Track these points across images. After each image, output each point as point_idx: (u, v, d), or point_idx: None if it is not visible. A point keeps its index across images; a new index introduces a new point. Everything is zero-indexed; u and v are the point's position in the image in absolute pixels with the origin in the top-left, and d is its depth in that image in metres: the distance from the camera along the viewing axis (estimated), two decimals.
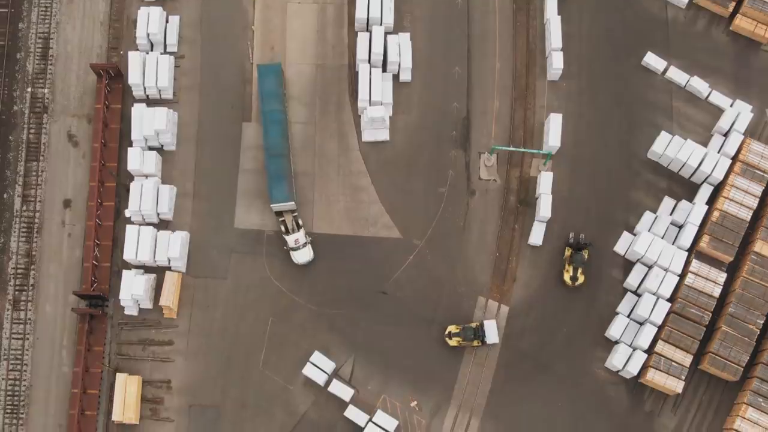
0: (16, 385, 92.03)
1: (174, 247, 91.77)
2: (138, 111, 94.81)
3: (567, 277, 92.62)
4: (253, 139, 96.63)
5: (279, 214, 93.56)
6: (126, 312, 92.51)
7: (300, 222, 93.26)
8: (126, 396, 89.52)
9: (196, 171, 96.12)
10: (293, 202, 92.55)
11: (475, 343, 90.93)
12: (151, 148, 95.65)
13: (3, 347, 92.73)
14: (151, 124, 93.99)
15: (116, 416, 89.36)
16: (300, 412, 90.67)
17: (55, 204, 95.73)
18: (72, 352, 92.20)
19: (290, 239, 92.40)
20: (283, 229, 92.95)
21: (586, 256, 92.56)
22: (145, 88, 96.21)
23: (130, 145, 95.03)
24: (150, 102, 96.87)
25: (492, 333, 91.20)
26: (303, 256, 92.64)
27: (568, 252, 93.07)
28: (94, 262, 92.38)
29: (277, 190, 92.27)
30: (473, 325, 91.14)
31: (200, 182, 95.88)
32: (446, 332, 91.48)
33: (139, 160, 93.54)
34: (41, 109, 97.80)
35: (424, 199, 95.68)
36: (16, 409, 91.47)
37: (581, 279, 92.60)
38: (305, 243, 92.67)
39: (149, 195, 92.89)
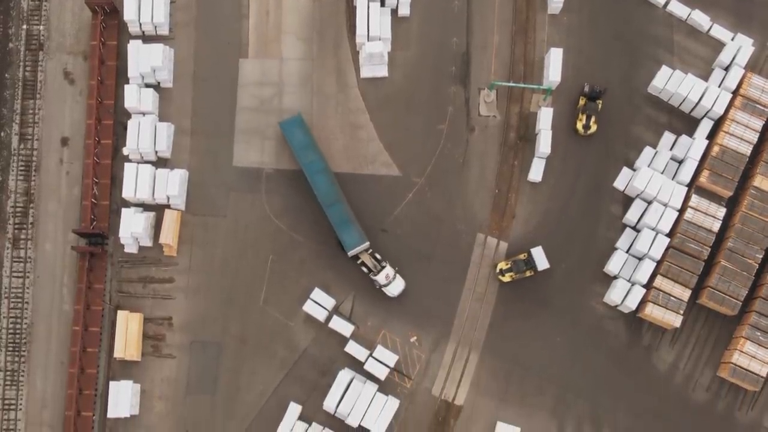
0: (17, 323, 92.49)
1: (173, 185, 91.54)
2: (134, 47, 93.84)
3: (580, 125, 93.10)
4: (250, 75, 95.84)
5: (355, 257, 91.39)
6: (126, 250, 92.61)
7: (378, 255, 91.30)
8: (127, 333, 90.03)
9: (194, 108, 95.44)
10: (368, 242, 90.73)
11: (527, 273, 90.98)
12: (147, 85, 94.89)
13: (3, 286, 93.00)
14: (147, 61, 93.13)
15: (118, 353, 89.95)
16: (300, 348, 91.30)
17: (52, 142, 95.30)
18: (72, 290, 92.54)
19: (381, 278, 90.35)
20: (365, 270, 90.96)
21: (599, 106, 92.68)
22: (140, 24, 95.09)
23: (127, 83, 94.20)
24: (146, 38, 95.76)
25: (541, 259, 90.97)
26: (397, 287, 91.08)
27: (582, 101, 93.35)
28: (92, 200, 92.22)
29: (348, 237, 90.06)
30: (522, 256, 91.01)
31: (198, 120, 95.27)
32: (497, 270, 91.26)
33: (136, 97, 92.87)
34: (37, 47, 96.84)
35: (423, 136, 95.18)
36: (18, 347, 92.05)
37: (593, 128, 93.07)
38: (395, 275, 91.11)
39: (147, 133, 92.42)
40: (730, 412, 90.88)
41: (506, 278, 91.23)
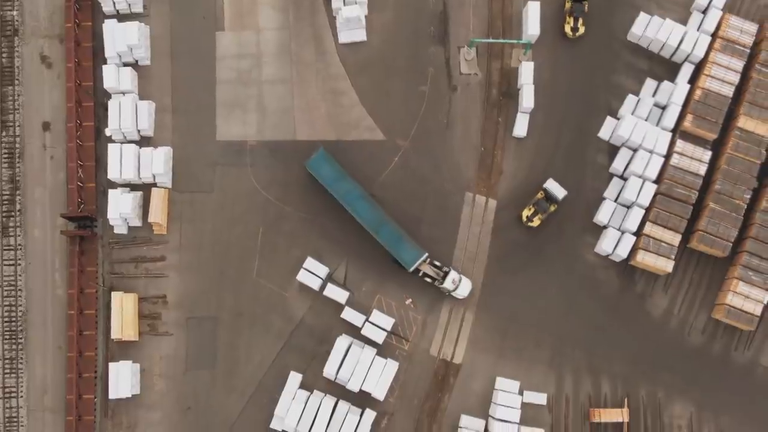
0: (12, 311, 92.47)
1: (158, 163, 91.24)
2: (109, 27, 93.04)
3: (568, 28, 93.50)
4: (227, 48, 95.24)
5: (416, 270, 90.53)
6: (116, 231, 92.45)
7: (436, 263, 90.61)
8: (123, 314, 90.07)
9: (173, 85, 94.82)
10: (426, 253, 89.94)
11: (552, 208, 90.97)
12: (125, 65, 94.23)
13: None
14: (123, 40, 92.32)
15: (115, 334, 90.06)
16: (297, 317, 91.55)
17: (34, 128, 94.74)
18: (65, 274, 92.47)
19: (448, 284, 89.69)
20: (429, 280, 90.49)
21: (586, 7, 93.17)
22: (114, 3, 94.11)
23: (105, 63, 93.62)
24: (121, 17, 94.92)
25: (558, 189, 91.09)
26: (465, 289, 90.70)
27: (568, 4, 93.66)
28: (78, 183, 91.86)
29: (406, 255, 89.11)
30: (540, 195, 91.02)
31: (178, 96, 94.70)
32: (524, 219, 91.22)
33: (114, 77, 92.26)
34: (12, 32, 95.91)
35: (405, 98, 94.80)
36: (15, 335, 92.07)
37: (582, 30, 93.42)
38: (460, 277, 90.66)
39: (128, 112, 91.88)
40: (727, 352, 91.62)
41: (536, 222, 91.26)
